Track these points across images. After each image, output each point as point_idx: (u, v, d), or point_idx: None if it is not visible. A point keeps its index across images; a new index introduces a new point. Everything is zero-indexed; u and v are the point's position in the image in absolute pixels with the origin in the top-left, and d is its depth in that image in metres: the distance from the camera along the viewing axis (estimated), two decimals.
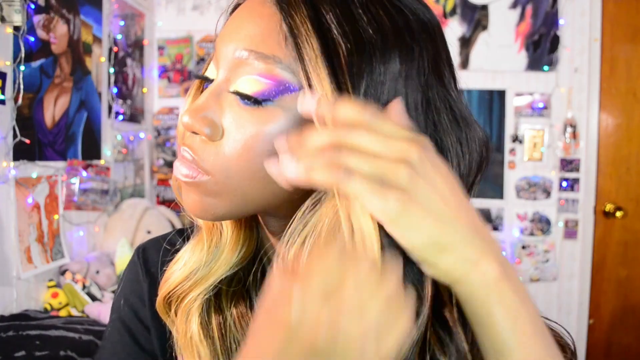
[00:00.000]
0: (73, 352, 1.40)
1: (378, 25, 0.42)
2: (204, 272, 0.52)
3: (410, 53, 0.43)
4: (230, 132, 0.43)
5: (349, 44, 0.41)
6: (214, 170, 0.44)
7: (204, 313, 0.51)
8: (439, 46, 0.46)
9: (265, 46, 0.42)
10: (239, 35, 0.44)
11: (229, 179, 0.44)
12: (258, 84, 0.42)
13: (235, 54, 0.44)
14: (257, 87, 0.42)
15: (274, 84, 0.42)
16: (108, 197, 2.08)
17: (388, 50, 0.42)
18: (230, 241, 0.52)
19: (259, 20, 0.43)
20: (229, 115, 0.44)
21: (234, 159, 0.43)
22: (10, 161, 1.58)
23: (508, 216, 2.70)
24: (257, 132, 0.42)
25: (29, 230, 1.66)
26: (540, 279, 2.68)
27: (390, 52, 0.42)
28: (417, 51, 0.43)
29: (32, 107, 1.68)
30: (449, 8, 2.68)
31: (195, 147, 0.44)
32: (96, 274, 1.92)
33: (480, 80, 2.68)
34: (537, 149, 2.67)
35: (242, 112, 0.43)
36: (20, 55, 1.58)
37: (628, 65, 2.64)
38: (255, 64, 0.42)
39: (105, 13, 2.18)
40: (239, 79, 0.43)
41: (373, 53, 0.41)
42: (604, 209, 2.67)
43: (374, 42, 0.41)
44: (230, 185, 0.44)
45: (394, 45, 0.42)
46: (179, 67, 2.75)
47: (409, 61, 0.42)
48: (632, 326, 2.67)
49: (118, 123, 2.31)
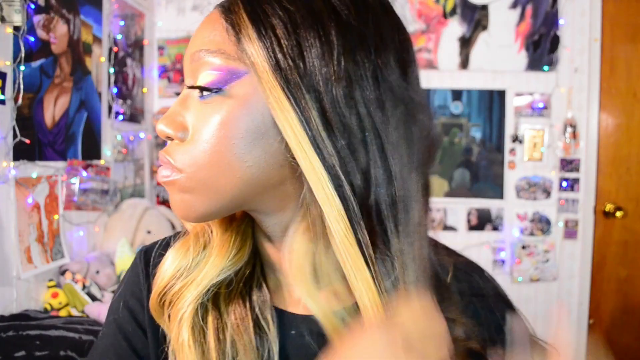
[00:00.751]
0: (73, 352, 1.40)
1: (311, 6, 0.45)
2: (194, 275, 0.52)
3: (347, 31, 0.45)
4: (195, 128, 0.47)
5: (285, 27, 0.44)
6: (185, 166, 0.47)
7: (199, 318, 0.52)
8: (383, 25, 0.47)
9: (212, 43, 0.47)
10: (193, 43, 0.49)
11: (199, 173, 0.47)
12: (210, 76, 0.47)
13: (190, 60, 0.49)
14: (210, 79, 0.47)
15: (223, 73, 0.46)
16: (108, 197, 2.08)
17: (323, 27, 0.44)
18: (219, 244, 0.53)
19: (206, 26, 0.49)
20: (192, 114, 0.48)
21: (200, 152, 0.47)
22: (10, 161, 1.58)
23: (508, 216, 2.70)
24: (215, 122, 0.46)
25: (29, 230, 1.67)
26: (540, 279, 2.68)
27: (328, 29, 0.44)
28: (355, 29, 0.45)
29: (32, 107, 1.68)
30: (449, 8, 2.68)
31: (170, 150, 0.49)
32: (96, 274, 1.92)
33: (480, 80, 2.68)
34: (537, 149, 2.67)
35: (201, 106, 0.47)
36: (20, 55, 1.58)
37: (628, 65, 2.64)
38: (208, 61, 0.47)
39: (105, 13, 2.18)
40: (197, 78, 0.48)
41: (309, 33, 0.44)
42: (604, 209, 2.67)
43: (308, 23, 0.44)
44: (202, 179, 0.47)
45: (327, 22, 0.45)
46: (179, 67, 2.75)
47: (347, 39, 0.45)
48: (632, 326, 2.67)
49: (118, 123, 2.31)
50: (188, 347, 0.51)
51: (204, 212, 0.49)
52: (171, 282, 0.53)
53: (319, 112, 0.43)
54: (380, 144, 0.44)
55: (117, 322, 0.58)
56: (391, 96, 0.45)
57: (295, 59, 0.44)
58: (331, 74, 0.44)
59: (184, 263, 0.53)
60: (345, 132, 0.44)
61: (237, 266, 0.53)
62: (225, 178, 0.47)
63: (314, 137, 0.43)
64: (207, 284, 0.52)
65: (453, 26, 2.68)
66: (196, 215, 0.49)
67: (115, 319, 0.58)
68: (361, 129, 0.44)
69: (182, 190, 0.48)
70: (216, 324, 0.52)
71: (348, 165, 0.44)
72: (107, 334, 0.58)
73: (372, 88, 0.45)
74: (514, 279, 2.68)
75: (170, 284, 0.53)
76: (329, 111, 0.43)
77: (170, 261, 0.54)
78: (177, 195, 0.49)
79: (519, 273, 2.68)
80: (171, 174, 0.48)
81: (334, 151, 0.43)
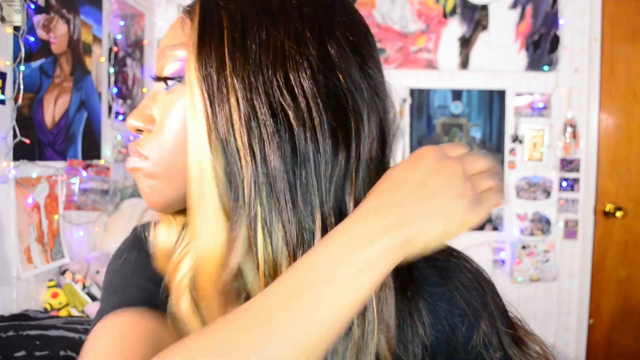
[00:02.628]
0: (73, 352, 1.40)
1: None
2: (188, 247, 0.51)
3: (291, 17, 0.46)
4: (160, 117, 0.50)
5: (230, 19, 0.46)
6: (150, 152, 0.50)
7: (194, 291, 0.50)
8: (332, 11, 0.48)
9: (174, 38, 0.50)
10: (162, 42, 0.52)
11: (163, 159, 0.49)
12: (174, 67, 0.49)
13: (157, 58, 0.51)
14: (172, 70, 0.49)
15: (183, 63, 0.48)
16: (108, 197, 2.08)
17: (266, 17, 0.46)
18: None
19: (172, 26, 0.52)
20: (159, 105, 0.50)
21: (164, 138, 0.49)
22: (10, 161, 1.58)
23: (508, 216, 2.70)
24: (177, 109, 0.48)
25: (29, 230, 1.67)
26: (540, 279, 2.68)
27: (271, 19, 0.46)
28: (299, 17, 0.46)
29: (32, 107, 1.68)
30: (449, 8, 2.68)
31: (138, 141, 0.51)
32: (96, 274, 1.92)
33: (480, 80, 2.68)
34: (537, 149, 2.67)
35: (167, 97, 0.50)
36: (20, 55, 1.58)
37: (628, 65, 2.65)
38: (172, 54, 0.49)
39: (105, 13, 2.18)
40: (162, 71, 0.50)
41: (256, 23, 0.46)
42: (604, 209, 2.67)
43: (254, 15, 0.46)
44: (167, 165, 0.49)
45: (271, 12, 0.46)
46: None
47: (293, 25, 0.46)
48: (632, 326, 2.67)
49: (118, 123, 2.31)
50: (187, 318, 0.49)
51: (169, 197, 0.50)
52: (170, 247, 0.53)
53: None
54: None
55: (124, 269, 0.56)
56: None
57: (237, 46, 0.45)
58: (269, 60, 0.44)
59: (173, 238, 0.54)
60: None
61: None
62: (187, 162, 0.47)
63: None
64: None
65: (453, 26, 2.68)
66: (162, 201, 0.51)
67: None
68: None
69: (149, 176, 0.50)
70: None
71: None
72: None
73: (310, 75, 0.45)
74: (514, 279, 2.68)
75: (170, 248, 0.53)
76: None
77: (164, 235, 0.54)
78: (144, 182, 0.51)
79: (519, 273, 2.68)
80: (138, 160, 0.51)
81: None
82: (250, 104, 0.44)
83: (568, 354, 2.70)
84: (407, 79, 2.67)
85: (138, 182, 0.52)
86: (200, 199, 0.45)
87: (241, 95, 0.44)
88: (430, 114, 2.71)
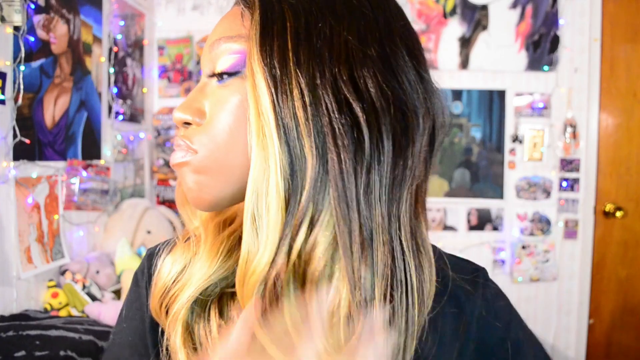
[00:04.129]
0: (73, 352, 1.40)
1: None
2: (186, 278, 0.51)
3: (351, 19, 0.46)
4: (212, 111, 0.48)
5: (293, 13, 0.45)
6: (200, 146, 0.48)
7: (192, 321, 0.51)
8: (389, 15, 0.49)
9: (231, 30, 0.49)
10: (212, 35, 0.51)
11: (215, 152, 0.48)
12: (229, 60, 0.48)
13: (209, 49, 0.50)
14: (228, 64, 0.48)
15: (241, 56, 0.48)
16: (108, 197, 2.08)
17: (329, 13, 0.46)
18: (208, 250, 0.52)
19: (225, 17, 0.51)
20: (210, 99, 0.49)
21: (217, 132, 0.48)
22: (10, 161, 1.58)
23: (508, 216, 2.70)
24: (233, 103, 0.47)
25: (29, 230, 1.67)
26: (540, 279, 2.68)
27: (334, 17, 0.46)
28: (360, 17, 0.46)
29: (32, 107, 1.68)
30: (449, 8, 2.68)
31: (187, 134, 0.49)
32: (96, 274, 1.92)
33: (480, 80, 2.68)
34: (537, 149, 2.67)
35: (219, 90, 0.49)
36: (20, 55, 1.58)
37: (628, 65, 2.65)
38: (226, 47, 0.48)
39: (105, 13, 2.18)
40: (216, 64, 0.49)
41: (319, 19, 0.46)
42: (604, 209, 2.67)
43: (317, 11, 0.46)
44: (218, 159, 0.48)
45: (334, 10, 0.46)
46: (179, 67, 2.75)
47: (355, 25, 0.46)
48: (632, 326, 2.67)
49: (118, 123, 2.31)
50: (178, 350, 0.50)
51: (217, 195, 0.49)
52: (168, 286, 0.52)
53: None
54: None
55: (124, 330, 0.57)
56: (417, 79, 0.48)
57: (301, 40, 0.44)
58: (334, 57, 0.44)
59: (177, 268, 0.52)
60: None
61: (225, 272, 0.52)
62: (238, 158, 0.47)
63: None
64: (197, 287, 0.50)
65: (453, 26, 2.68)
66: (209, 197, 0.49)
67: (122, 328, 0.58)
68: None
69: (197, 170, 0.49)
70: (205, 328, 0.51)
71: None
72: (118, 339, 0.57)
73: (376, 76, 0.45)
74: (514, 279, 2.68)
75: (167, 287, 0.52)
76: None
77: (167, 267, 0.53)
78: (191, 177, 0.49)
79: (519, 273, 2.68)
80: (186, 154, 0.49)
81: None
82: (316, 98, 0.43)
83: (568, 354, 2.70)
84: None
85: (183, 178, 0.50)
86: (263, 195, 0.44)
87: (306, 89, 0.43)
88: None
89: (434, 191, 2.69)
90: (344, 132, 0.42)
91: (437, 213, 2.71)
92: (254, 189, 0.44)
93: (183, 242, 0.54)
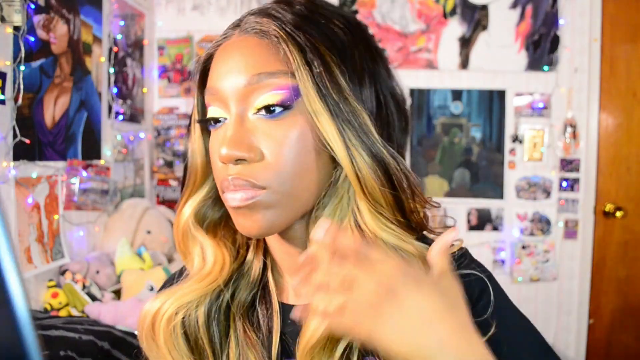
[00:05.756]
0: (73, 352, 1.40)
1: (335, 33, 0.54)
2: (178, 295, 0.59)
3: (360, 51, 0.55)
4: (271, 146, 0.51)
5: (324, 44, 0.52)
6: (269, 182, 0.51)
7: (175, 335, 0.57)
8: (367, 37, 0.58)
9: (270, 65, 0.51)
10: (241, 69, 0.51)
11: (283, 186, 0.51)
12: (276, 96, 0.50)
13: (245, 83, 0.51)
14: (276, 99, 0.50)
15: (288, 91, 0.50)
16: (108, 197, 2.08)
17: (350, 49, 0.54)
18: (216, 265, 0.58)
19: (253, 51, 0.52)
20: (261, 134, 0.51)
21: (283, 167, 0.51)
22: (10, 161, 1.58)
23: (508, 216, 2.70)
24: (294, 137, 0.51)
25: (29, 230, 1.67)
26: (540, 279, 2.68)
27: (350, 43, 0.54)
28: (362, 48, 0.55)
29: (32, 107, 1.68)
30: (449, 8, 2.68)
31: (244, 172, 0.51)
32: (96, 274, 1.92)
33: (480, 80, 2.68)
34: (537, 149, 2.67)
35: (271, 125, 0.51)
36: (20, 55, 1.57)
37: (628, 65, 2.64)
38: (267, 83, 0.51)
39: (105, 13, 2.18)
40: (257, 101, 0.51)
41: (347, 47, 0.54)
42: (604, 209, 2.67)
43: (345, 43, 0.54)
44: (286, 192, 0.51)
45: (342, 38, 0.54)
46: (179, 67, 2.75)
47: (365, 58, 0.55)
48: (632, 326, 2.67)
49: (118, 123, 2.31)
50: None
51: (283, 224, 0.53)
52: (152, 314, 0.57)
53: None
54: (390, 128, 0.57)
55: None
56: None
57: (330, 80, 0.51)
58: (354, 83, 0.53)
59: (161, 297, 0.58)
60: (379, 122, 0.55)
61: (227, 279, 0.58)
62: (305, 186, 0.52)
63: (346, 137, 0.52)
64: (199, 295, 0.57)
65: (453, 26, 2.68)
66: (273, 229, 0.53)
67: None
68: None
69: (267, 206, 0.51)
70: (211, 334, 0.59)
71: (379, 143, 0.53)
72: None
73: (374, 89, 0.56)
74: (514, 279, 2.68)
75: (152, 316, 0.58)
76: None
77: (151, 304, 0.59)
78: (260, 214, 0.52)
79: (519, 273, 2.68)
80: (254, 194, 0.51)
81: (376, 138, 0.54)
82: (365, 119, 0.52)
83: (568, 354, 2.70)
84: (407, 79, 2.67)
85: (251, 216, 0.52)
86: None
87: (360, 109, 0.51)
88: (430, 114, 2.71)
89: (434, 191, 2.69)
90: (385, 135, 0.55)
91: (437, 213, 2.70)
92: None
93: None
